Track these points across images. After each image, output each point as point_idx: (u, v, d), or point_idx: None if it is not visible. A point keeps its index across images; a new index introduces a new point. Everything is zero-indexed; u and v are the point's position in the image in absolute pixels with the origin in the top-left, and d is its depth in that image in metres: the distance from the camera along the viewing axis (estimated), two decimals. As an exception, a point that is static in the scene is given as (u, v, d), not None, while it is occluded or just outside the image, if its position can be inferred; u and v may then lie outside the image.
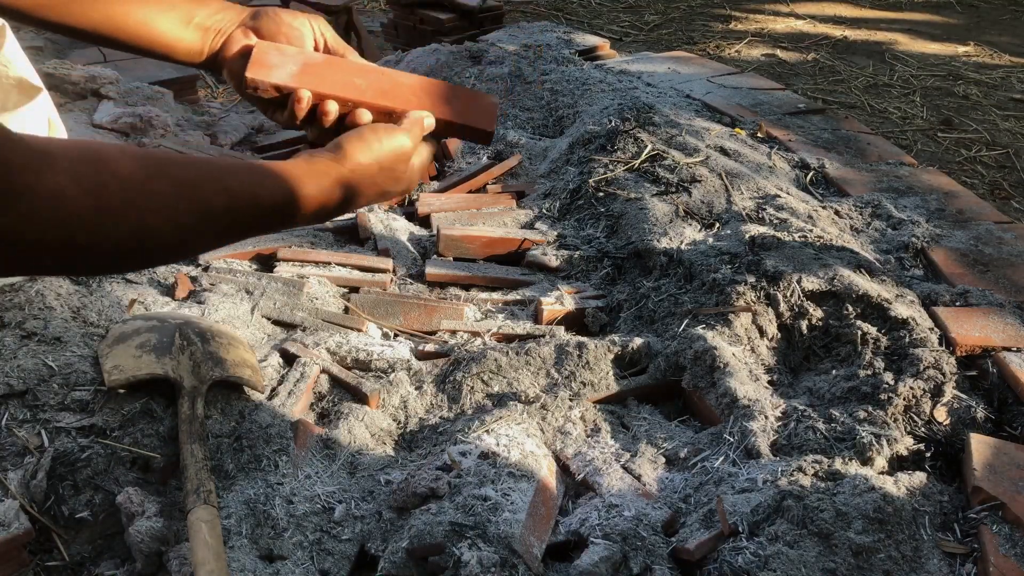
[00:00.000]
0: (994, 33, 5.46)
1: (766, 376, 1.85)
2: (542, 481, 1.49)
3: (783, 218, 2.35)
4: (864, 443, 1.56)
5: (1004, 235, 2.43)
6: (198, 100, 3.67)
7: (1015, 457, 1.57)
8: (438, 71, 3.57)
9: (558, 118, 3.16)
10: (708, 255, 2.11)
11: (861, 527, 1.35)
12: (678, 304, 2.02)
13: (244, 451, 1.55)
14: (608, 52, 4.30)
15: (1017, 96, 4.26)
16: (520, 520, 1.38)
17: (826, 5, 6.00)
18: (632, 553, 1.35)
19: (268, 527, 1.41)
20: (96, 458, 1.47)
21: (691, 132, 2.89)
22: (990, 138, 3.71)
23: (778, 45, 5.04)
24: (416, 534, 1.35)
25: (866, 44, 5.13)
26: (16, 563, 1.35)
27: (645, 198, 2.46)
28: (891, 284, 2.05)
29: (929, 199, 2.67)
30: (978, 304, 2.02)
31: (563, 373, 1.80)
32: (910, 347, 1.79)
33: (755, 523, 1.39)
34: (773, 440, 1.62)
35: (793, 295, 1.95)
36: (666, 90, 3.56)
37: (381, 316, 2.05)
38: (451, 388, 1.77)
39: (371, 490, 1.52)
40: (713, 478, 1.53)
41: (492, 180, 2.83)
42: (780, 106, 3.43)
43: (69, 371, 1.63)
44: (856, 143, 3.12)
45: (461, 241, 2.33)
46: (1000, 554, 1.38)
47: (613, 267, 2.27)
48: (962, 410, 1.67)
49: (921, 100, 4.16)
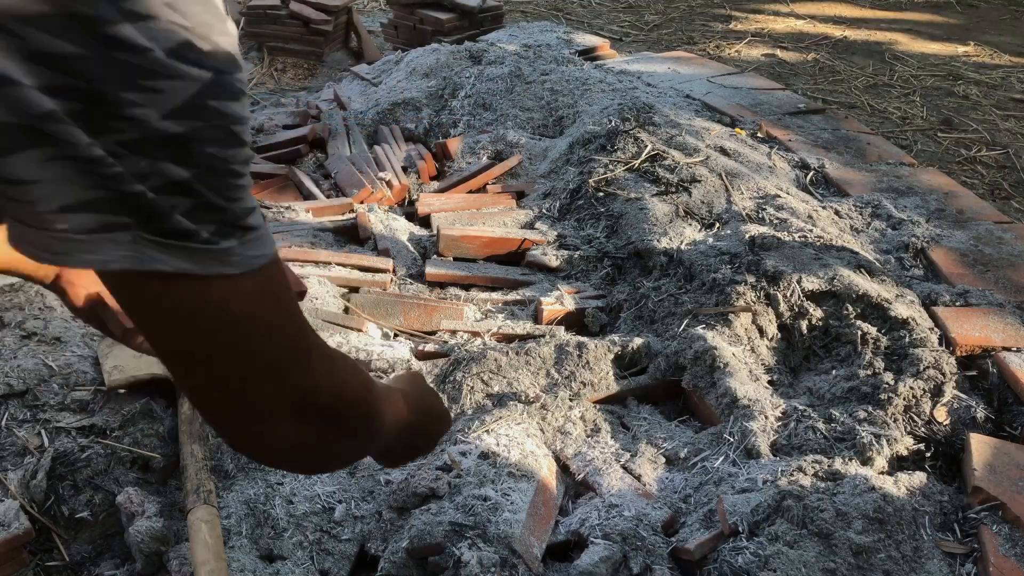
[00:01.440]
0: (994, 33, 5.47)
1: (766, 376, 1.85)
2: (542, 481, 1.49)
3: (783, 218, 2.35)
4: (864, 443, 1.56)
5: (1004, 235, 2.43)
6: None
7: (1015, 457, 1.57)
8: (438, 71, 3.57)
9: (558, 118, 3.16)
10: (708, 255, 2.11)
11: (861, 527, 1.34)
12: (678, 304, 2.02)
13: (244, 451, 1.55)
14: (608, 52, 4.30)
15: (1017, 96, 4.27)
16: (520, 520, 1.38)
17: (826, 5, 6.01)
18: (632, 553, 1.35)
19: (268, 527, 1.41)
20: (96, 458, 1.47)
21: (691, 132, 2.89)
22: (990, 138, 3.71)
23: (778, 45, 5.04)
24: (416, 534, 1.35)
25: (866, 44, 5.13)
26: (16, 563, 1.35)
27: (645, 198, 2.46)
28: (891, 284, 2.05)
29: (929, 199, 2.67)
30: (978, 304, 2.02)
31: (563, 373, 1.80)
32: (910, 347, 1.79)
33: (755, 523, 1.39)
34: (773, 440, 1.62)
35: (793, 295, 1.95)
36: (666, 90, 3.56)
37: (381, 316, 2.05)
38: (451, 388, 1.77)
39: (371, 490, 1.52)
40: (713, 478, 1.53)
41: (492, 180, 2.83)
42: (780, 106, 3.43)
43: (69, 371, 1.63)
44: (856, 143, 3.13)
45: (461, 241, 2.33)
46: (1000, 554, 1.38)
47: (613, 267, 2.27)
48: (962, 410, 1.67)
49: (921, 100, 4.16)
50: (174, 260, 0.57)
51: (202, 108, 0.56)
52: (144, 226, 0.56)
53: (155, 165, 0.55)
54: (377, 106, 3.36)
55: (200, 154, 0.56)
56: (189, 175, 0.56)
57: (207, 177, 0.57)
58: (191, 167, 0.56)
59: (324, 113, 3.45)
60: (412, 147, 3.12)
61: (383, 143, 3.12)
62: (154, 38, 0.52)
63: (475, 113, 3.25)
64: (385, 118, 3.31)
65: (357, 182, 2.75)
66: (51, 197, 0.55)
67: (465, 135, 3.13)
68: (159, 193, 0.55)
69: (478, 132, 3.14)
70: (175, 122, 0.54)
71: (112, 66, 0.52)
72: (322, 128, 3.17)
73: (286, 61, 4.48)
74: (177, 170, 0.56)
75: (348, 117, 3.32)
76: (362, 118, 3.31)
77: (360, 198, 2.68)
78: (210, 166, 0.57)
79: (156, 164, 0.55)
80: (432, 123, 3.29)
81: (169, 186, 0.55)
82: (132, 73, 0.53)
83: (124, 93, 0.52)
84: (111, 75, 0.52)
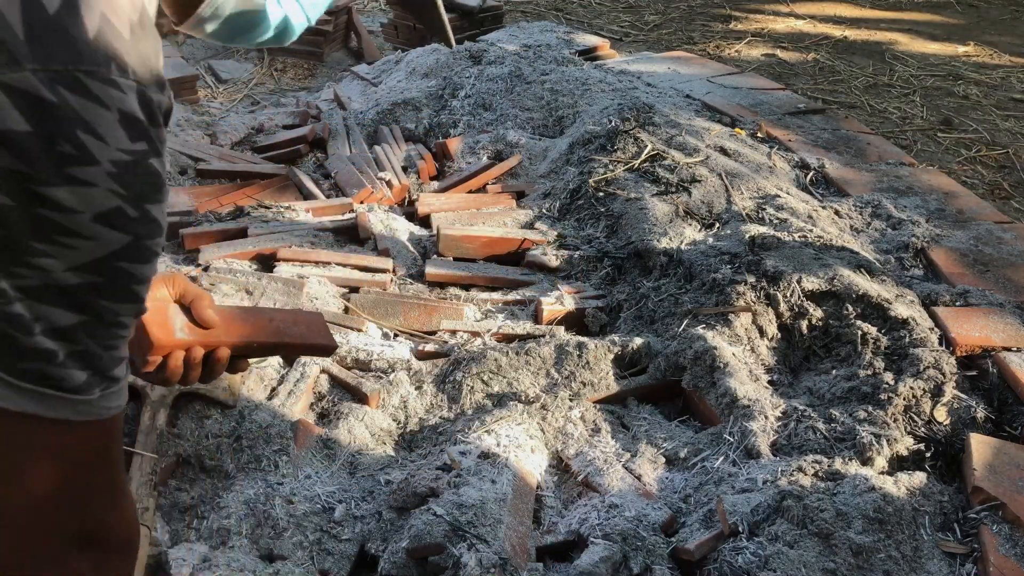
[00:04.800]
0: (994, 33, 5.46)
1: (766, 376, 1.85)
2: (522, 477, 1.50)
3: (783, 218, 2.35)
4: (864, 443, 1.56)
5: (1004, 235, 2.43)
6: (198, 100, 3.67)
7: (1015, 457, 1.57)
8: (438, 71, 3.57)
9: (558, 118, 3.16)
10: (708, 255, 2.11)
11: (861, 527, 1.34)
12: (678, 304, 2.02)
13: (244, 451, 1.55)
14: (608, 52, 4.30)
15: (1017, 96, 4.26)
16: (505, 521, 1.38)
17: (826, 5, 6.00)
18: (632, 553, 1.35)
19: (268, 527, 1.41)
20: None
21: (691, 132, 2.89)
22: (990, 138, 3.71)
23: (778, 45, 5.04)
24: (416, 534, 1.35)
25: (866, 44, 5.13)
26: (16, 563, 1.35)
27: (645, 198, 2.46)
28: (891, 284, 2.05)
29: (929, 199, 2.67)
30: (978, 304, 2.02)
31: (563, 373, 1.80)
32: (910, 347, 1.79)
33: (755, 523, 1.39)
34: (773, 440, 1.62)
35: (793, 295, 1.95)
36: (666, 90, 3.56)
37: (381, 316, 2.05)
38: (451, 388, 1.77)
39: (371, 490, 1.52)
40: (713, 478, 1.53)
41: (492, 180, 2.83)
42: (780, 106, 3.43)
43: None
44: (856, 143, 3.13)
45: (461, 241, 2.33)
46: (1000, 554, 1.38)
47: (613, 267, 2.27)
48: (962, 410, 1.67)
49: (921, 100, 4.16)
50: (22, 401, 0.58)
51: (108, 267, 0.57)
52: (5, 364, 0.57)
53: (45, 311, 0.56)
54: (377, 106, 3.36)
55: (91, 304, 0.57)
56: (76, 322, 0.57)
57: (92, 326, 0.58)
58: (80, 314, 0.57)
59: (324, 113, 3.45)
60: (412, 147, 3.12)
61: (383, 143, 3.12)
62: (86, 202, 0.54)
63: (475, 113, 3.25)
64: (385, 118, 3.31)
65: (357, 182, 2.75)
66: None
67: (465, 135, 3.13)
68: (42, 336, 0.56)
69: (478, 132, 3.14)
70: (77, 274, 0.56)
71: (34, 220, 0.53)
72: (322, 128, 3.17)
73: (286, 61, 4.48)
74: (66, 316, 0.57)
75: (348, 117, 3.32)
76: (362, 118, 3.31)
77: (360, 198, 2.68)
78: (98, 316, 0.58)
79: (47, 310, 0.56)
80: (432, 123, 3.29)
81: (53, 331, 0.56)
82: (51, 229, 0.54)
83: (37, 244, 0.54)
84: (30, 227, 0.53)
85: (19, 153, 0.52)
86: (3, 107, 0.51)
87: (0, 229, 0.53)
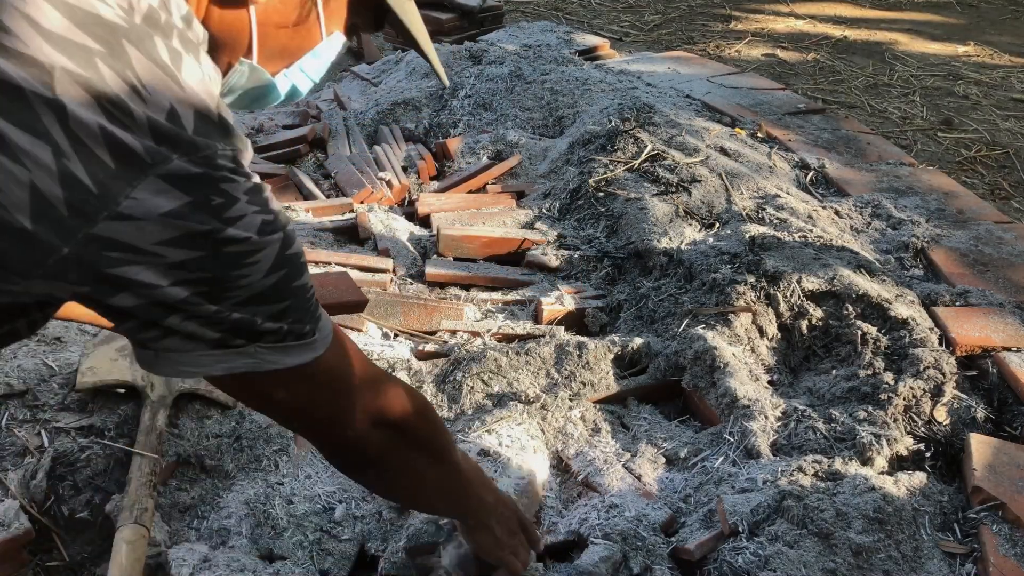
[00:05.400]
0: (994, 33, 5.46)
1: (766, 376, 1.85)
2: (522, 477, 1.49)
3: (783, 218, 2.35)
4: (864, 443, 1.56)
5: (1004, 235, 2.43)
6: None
7: (1015, 457, 1.57)
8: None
9: (558, 118, 3.16)
10: (708, 255, 2.11)
11: (861, 527, 1.34)
12: (678, 304, 2.02)
13: (244, 451, 1.55)
14: (608, 52, 4.30)
15: (1017, 96, 4.26)
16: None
17: (826, 5, 6.00)
18: (632, 553, 1.35)
19: (268, 527, 1.41)
20: (96, 458, 1.47)
21: (691, 132, 2.89)
22: (990, 138, 3.71)
23: (778, 45, 5.04)
24: (413, 534, 1.35)
25: (866, 44, 5.13)
26: (16, 563, 1.35)
27: (645, 198, 2.46)
28: (891, 284, 2.05)
29: (929, 199, 2.67)
30: (978, 304, 2.02)
31: (563, 373, 1.80)
32: (910, 347, 1.79)
33: (755, 523, 1.39)
34: (773, 440, 1.62)
35: (793, 295, 1.95)
36: (666, 90, 3.55)
37: (381, 316, 2.05)
38: (451, 388, 1.77)
39: (371, 490, 1.52)
40: (713, 478, 1.53)
41: (492, 180, 2.83)
42: (780, 106, 3.43)
43: (69, 371, 1.63)
44: (856, 143, 3.12)
45: (461, 241, 2.33)
46: (1000, 554, 1.38)
47: (613, 267, 2.27)
48: (962, 410, 1.67)
49: (921, 100, 4.16)
50: (288, 359, 0.83)
51: (285, 258, 0.78)
52: (258, 342, 0.80)
53: (256, 309, 0.78)
54: (377, 106, 3.36)
55: (288, 289, 0.80)
56: (284, 307, 0.80)
57: (296, 300, 0.81)
58: (282, 301, 0.80)
59: (324, 113, 3.45)
60: (412, 147, 3.12)
61: (383, 143, 3.12)
62: (249, 229, 0.74)
63: (475, 113, 3.25)
64: (385, 118, 3.31)
65: (357, 182, 2.75)
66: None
67: (465, 135, 3.13)
68: (267, 322, 0.79)
69: (478, 132, 3.14)
70: (270, 276, 0.77)
71: (223, 258, 0.73)
72: (322, 128, 3.17)
73: (286, 61, 4.48)
74: (274, 307, 0.79)
75: (348, 117, 3.32)
76: (362, 118, 3.31)
77: (360, 198, 2.68)
78: (295, 294, 0.81)
79: (257, 308, 0.78)
80: (432, 123, 3.29)
81: (271, 317, 0.79)
82: (237, 258, 0.74)
83: (233, 272, 0.74)
84: (224, 263, 0.73)
85: (193, 218, 0.70)
86: (165, 191, 0.68)
87: (204, 273, 0.72)
